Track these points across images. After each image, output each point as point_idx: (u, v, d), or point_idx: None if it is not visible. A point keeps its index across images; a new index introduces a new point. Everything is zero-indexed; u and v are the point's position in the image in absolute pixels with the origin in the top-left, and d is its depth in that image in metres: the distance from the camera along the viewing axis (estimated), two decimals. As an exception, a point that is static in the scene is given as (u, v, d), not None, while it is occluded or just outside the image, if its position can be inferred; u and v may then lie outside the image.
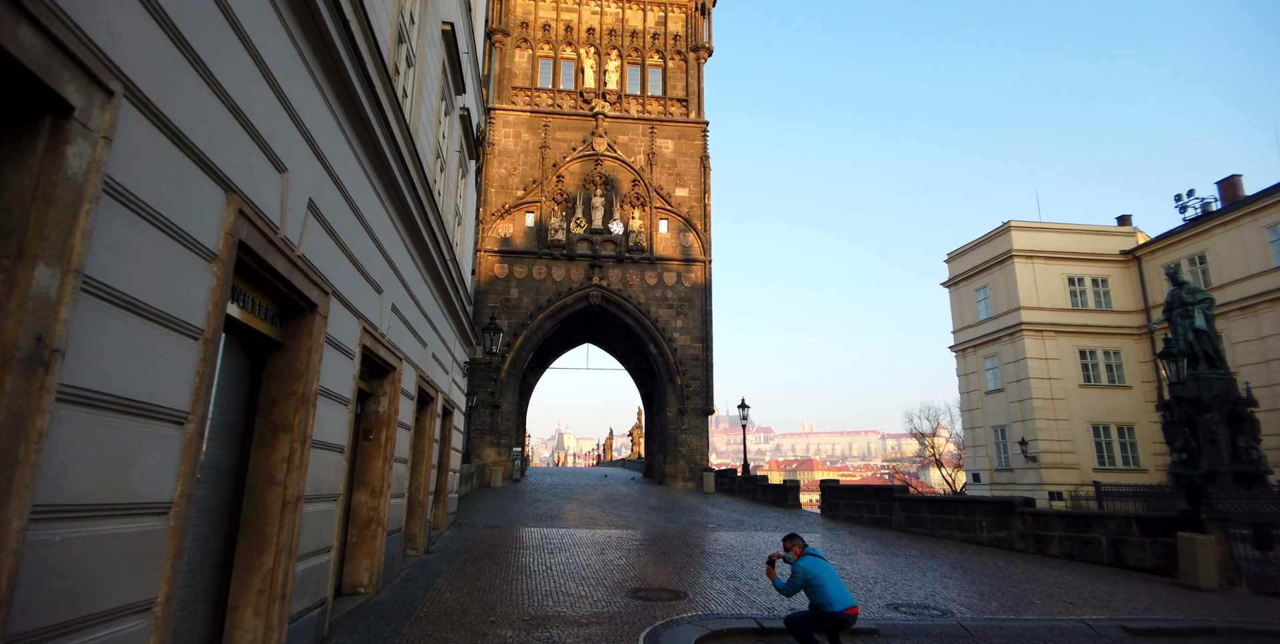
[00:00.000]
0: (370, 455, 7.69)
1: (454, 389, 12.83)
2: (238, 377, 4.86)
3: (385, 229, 7.11)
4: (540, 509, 17.75)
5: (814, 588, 6.26)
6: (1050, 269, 34.72)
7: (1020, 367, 33.84)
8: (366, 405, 7.80)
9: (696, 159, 31.83)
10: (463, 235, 13.67)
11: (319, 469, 5.51)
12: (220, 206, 3.65)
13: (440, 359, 10.99)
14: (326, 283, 5.34)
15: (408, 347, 8.50)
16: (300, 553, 5.19)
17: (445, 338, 11.38)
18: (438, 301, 10.52)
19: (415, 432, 10.43)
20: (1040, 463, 32.61)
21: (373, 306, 6.83)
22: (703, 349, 30.24)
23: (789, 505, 20.06)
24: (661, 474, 29.82)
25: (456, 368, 13.14)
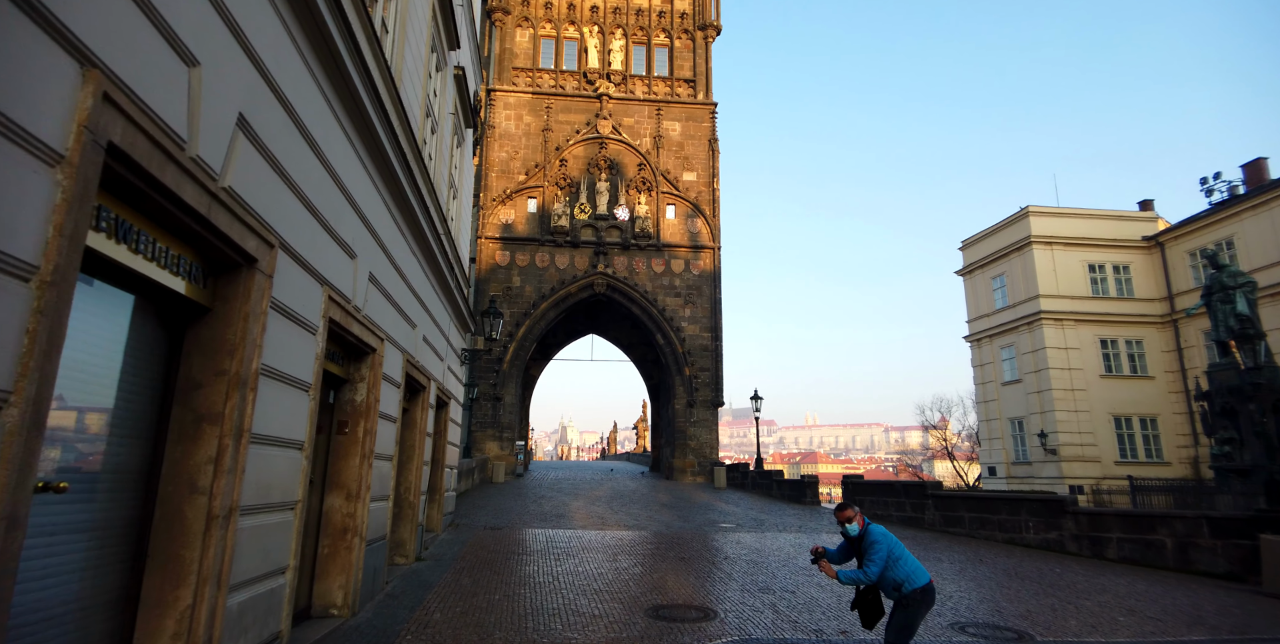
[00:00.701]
0: (345, 452, 6.47)
1: (450, 378, 11.63)
2: (148, 351, 3.63)
3: (358, 180, 5.87)
4: (545, 507, 16.56)
5: (896, 560, 5.04)
6: (1070, 256, 33.41)
7: (1039, 357, 32.58)
8: (341, 393, 6.58)
9: (704, 142, 30.51)
10: (459, 210, 12.44)
11: (265, 471, 4.30)
12: (71, 84, 2.42)
13: (433, 344, 9.78)
14: (270, 232, 4.11)
15: (391, 326, 7.28)
16: (236, 580, 3.98)
17: (439, 320, 10.17)
18: (429, 278, 9.30)
19: (404, 424, 9.22)
20: (1060, 456, 31.40)
21: (343, 272, 5.60)
22: (712, 339, 29.00)
23: (807, 502, 18.86)
24: (670, 468, 28.65)
25: (453, 355, 11.93)
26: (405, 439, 9.20)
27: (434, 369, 9.90)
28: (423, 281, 8.88)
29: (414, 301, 8.37)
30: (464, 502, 17.08)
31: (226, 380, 3.82)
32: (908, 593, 4.99)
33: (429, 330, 9.43)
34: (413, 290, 8.24)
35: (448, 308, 11.11)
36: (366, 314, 6.34)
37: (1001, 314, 35.04)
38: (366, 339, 6.36)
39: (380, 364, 6.81)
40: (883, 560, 5.06)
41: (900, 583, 5.01)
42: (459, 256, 12.21)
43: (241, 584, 4.06)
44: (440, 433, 11.43)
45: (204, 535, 3.66)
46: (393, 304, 7.30)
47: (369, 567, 6.88)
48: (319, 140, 4.81)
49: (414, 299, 8.36)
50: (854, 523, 5.28)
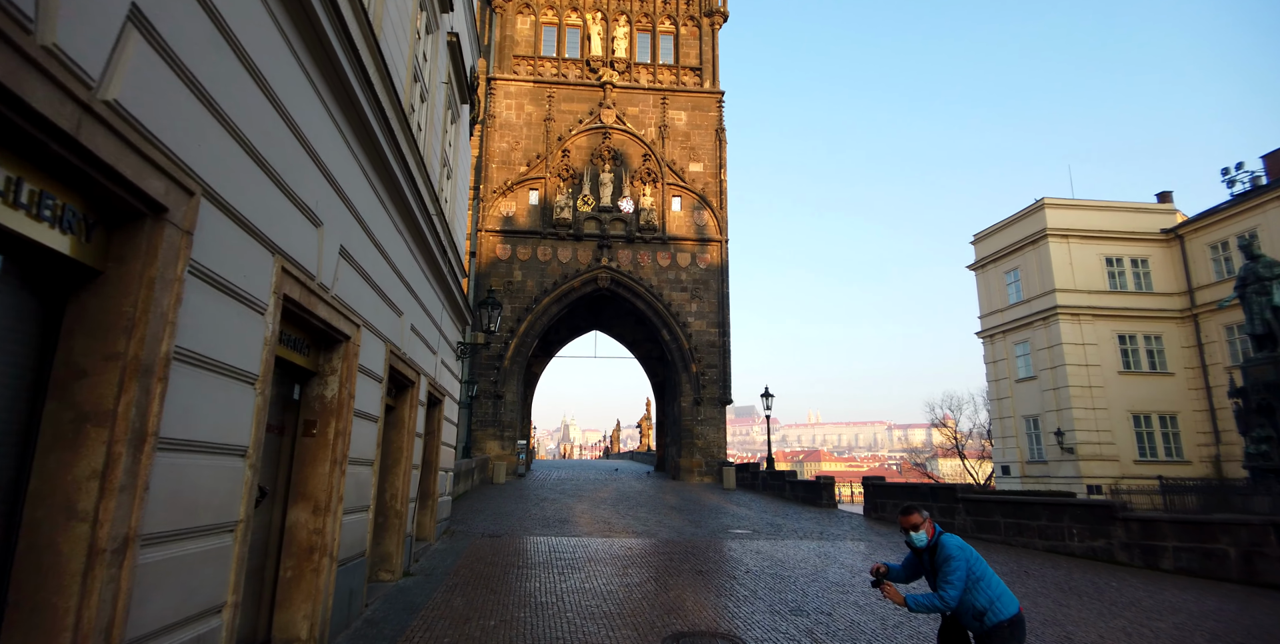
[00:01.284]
0: (313, 457, 5.49)
1: (444, 373, 10.65)
2: (13, 327, 2.66)
3: (324, 134, 4.89)
4: (547, 510, 15.59)
5: (977, 581, 4.09)
6: (1086, 249, 32.37)
7: (1055, 353, 31.55)
8: (309, 388, 5.60)
9: (711, 132, 29.49)
10: (453, 191, 11.46)
11: (186, 486, 3.32)
12: None
13: (423, 335, 8.80)
14: (190, 174, 3.12)
15: (371, 311, 6.30)
16: (139, 632, 2.99)
17: (430, 310, 9.19)
18: (418, 262, 8.31)
19: (389, 424, 8.25)
20: (1078, 455, 30.38)
21: (303, 242, 4.62)
22: (719, 335, 28.00)
23: (823, 504, 17.86)
24: (676, 468, 27.66)
25: (447, 348, 10.95)
26: (391, 440, 8.22)
27: (424, 363, 8.92)
28: (410, 264, 7.90)
29: (399, 286, 7.39)
30: (462, 505, 16.12)
31: (120, 367, 2.83)
32: (992, 626, 4.02)
33: (418, 319, 8.45)
34: (398, 273, 7.25)
35: (441, 297, 10.14)
36: (337, 295, 5.36)
37: (1015, 309, 34.01)
38: (337, 324, 5.37)
39: (355, 354, 5.82)
40: (961, 581, 4.07)
41: (982, 611, 4.04)
42: (454, 242, 11.24)
43: (149, 636, 3.08)
44: (433, 433, 10.46)
45: (84, 576, 2.67)
46: (372, 286, 6.31)
47: (342, 590, 5.91)
48: (263, 70, 3.82)
49: (399, 283, 7.37)
50: (922, 531, 4.30)
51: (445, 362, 10.77)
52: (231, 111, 3.48)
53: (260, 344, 4.06)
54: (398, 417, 8.30)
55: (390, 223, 6.92)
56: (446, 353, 10.96)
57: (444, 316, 10.45)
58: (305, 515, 5.40)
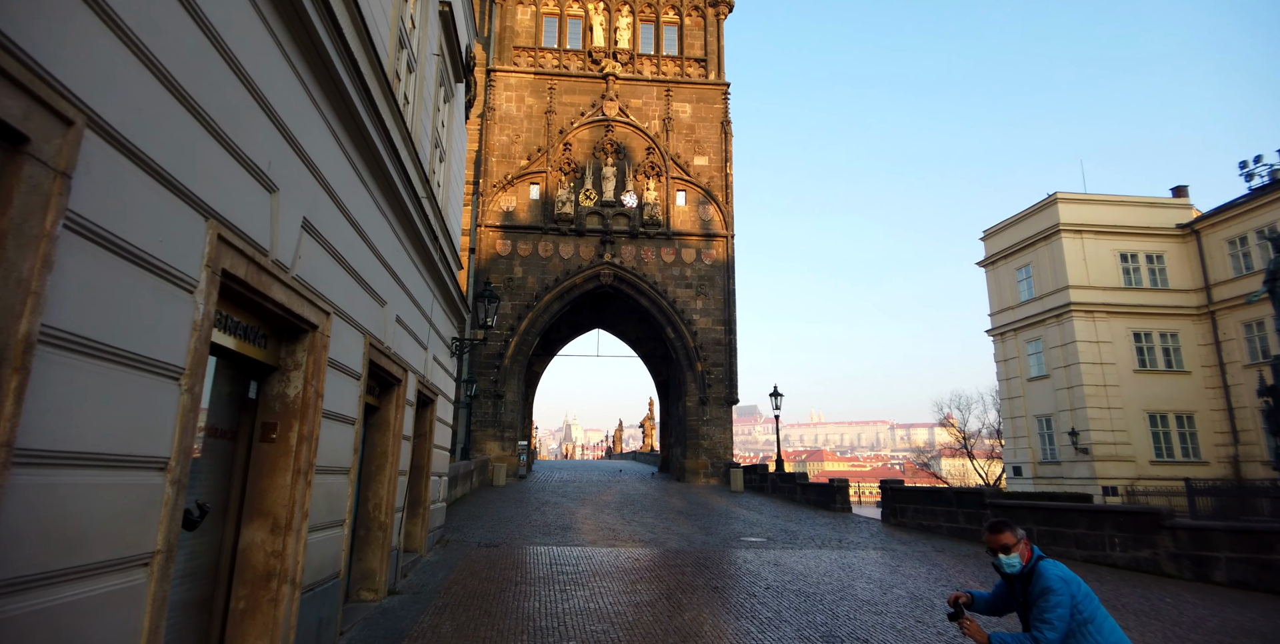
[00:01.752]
0: (272, 466, 4.67)
1: (436, 371, 9.83)
2: None
3: (270, 69, 4.05)
4: (548, 516, 14.77)
5: (1084, 624, 3.23)
6: (1100, 245, 31.52)
7: (1069, 351, 30.70)
8: (267, 385, 4.78)
9: (716, 124, 28.65)
10: (447, 176, 10.63)
11: (68, 511, 2.50)
12: None
13: (411, 328, 7.98)
14: (57, 87, 2.30)
15: (345, 297, 5.48)
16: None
17: (419, 300, 8.37)
18: (405, 246, 7.49)
19: (372, 426, 7.43)
20: (1093, 455, 29.53)
21: (250, 205, 3.80)
22: (725, 332, 27.16)
23: (837, 508, 17.03)
24: (681, 469, 26.83)
25: (439, 344, 10.13)
26: (374, 444, 7.40)
27: (412, 359, 8.09)
28: (395, 249, 7.08)
29: (381, 272, 6.57)
30: (459, 510, 15.30)
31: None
32: None
33: (405, 311, 7.63)
34: (379, 257, 6.43)
35: (433, 288, 9.32)
36: (300, 276, 4.53)
37: (1027, 307, 33.16)
38: (300, 311, 4.55)
39: (325, 346, 5.00)
40: (1063, 622, 3.23)
41: None
42: (448, 230, 10.42)
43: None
44: (424, 435, 9.64)
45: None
46: (346, 269, 5.49)
47: (308, 620, 5.09)
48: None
49: (382, 269, 6.55)
50: (1015, 554, 3.48)
51: (438, 358, 9.95)
52: (131, 20, 2.65)
53: (187, 329, 3.23)
54: (381, 418, 7.48)
55: (369, 199, 6.09)
56: (439, 349, 10.14)
57: (436, 310, 9.63)
58: (262, 535, 4.58)
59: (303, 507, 4.75)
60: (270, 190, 4.07)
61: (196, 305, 3.31)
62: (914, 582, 8.68)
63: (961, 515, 12.72)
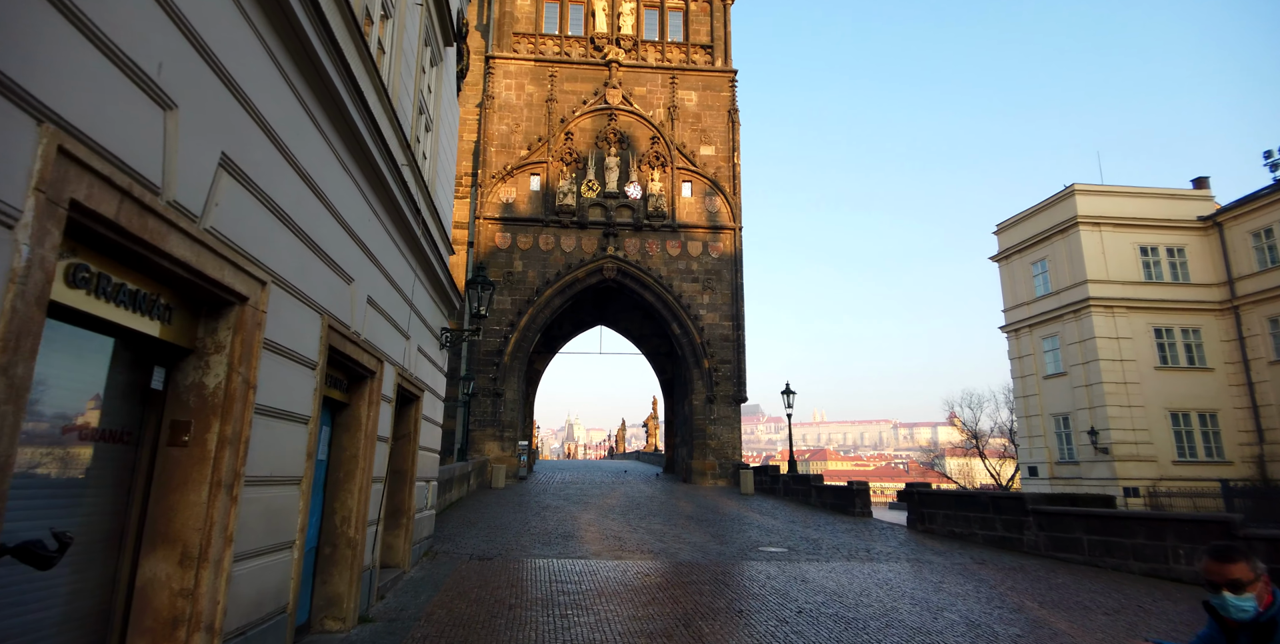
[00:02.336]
0: (181, 479, 3.56)
1: (421, 363, 8.73)
2: None
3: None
4: (549, 522, 13.66)
5: None
6: (1120, 237, 30.37)
7: (1087, 347, 29.56)
8: (178, 374, 3.68)
9: (723, 113, 27.53)
10: (434, 148, 9.52)
11: None
12: None
13: (388, 312, 6.88)
14: None
15: (292, 264, 4.38)
16: None
17: (399, 282, 7.27)
18: (379, 217, 6.38)
19: (340, 426, 6.32)
20: (1113, 455, 28.38)
21: (126, 116, 2.70)
22: (733, 328, 26.04)
23: (857, 513, 15.90)
24: (687, 470, 25.71)
25: (426, 334, 9.03)
26: (342, 447, 6.29)
27: (390, 348, 6.99)
28: (365, 217, 5.97)
29: (346, 241, 5.46)
30: (453, 515, 14.20)
31: None
32: None
33: (380, 292, 6.53)
34: (342, 223, 5.33)
35: (416, 269, 8.21)
36: (215, 228, 3.42)
37: (1043, 302, 32.02)
38: (219, 275, 3.44)
39: (259, 324, 3.90)
40: None
41: None
42: (436, 208, 9.32)
43: None
44: (407, 436, 8.54)
45: None
46: (293, 231, 4.38)
47: (236, 675, 3.99)
48: None
49: (346, 237, 5.45)
50: (1249, 594, 2.39)
51: (424, 349, 8.85)
52: None
53: None
54: (351, 416, 6.37)
55: (327, 149, 4.98)
56: (426, 340, 9.03)
57: (420, 294, 8.53)
58: (167, 569, 3.47)
59: (225, 529, 3.65)
60: (164, 106, 2.96)
61: (17, 246, 2.21)
62: (965, 603, 7.56)
63: (999, 523, 11.60)
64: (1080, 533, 10.32)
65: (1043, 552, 10.85)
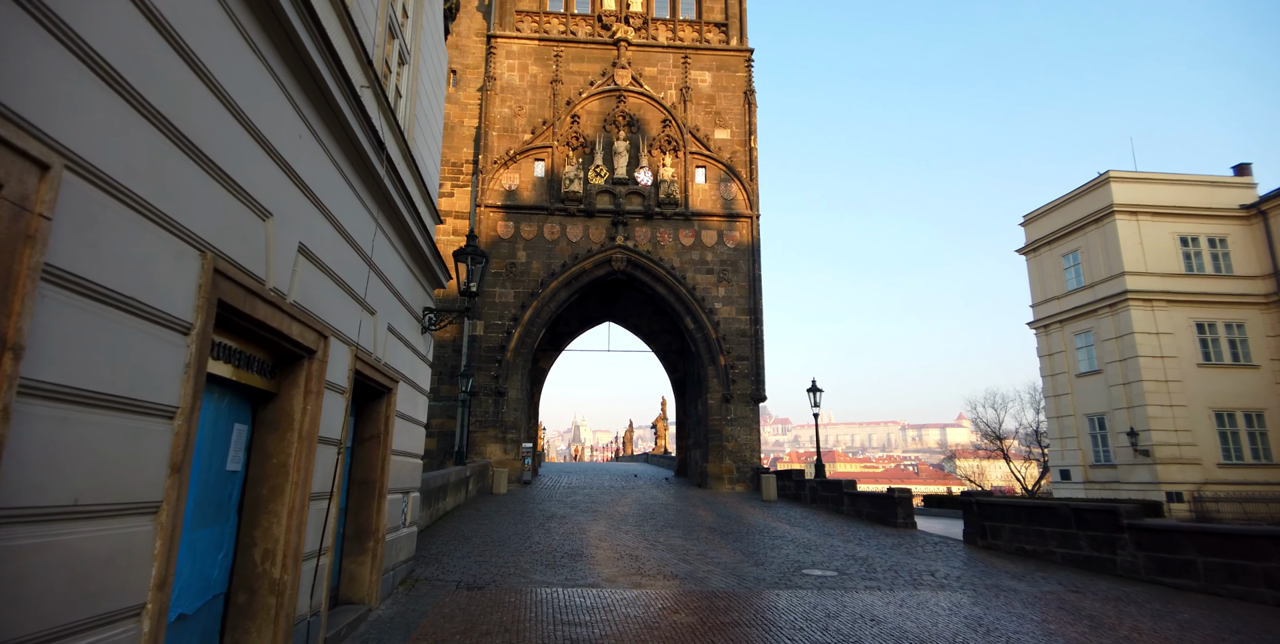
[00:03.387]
0: None
1: (394, 347, 6.96)
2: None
3: None
4: (554, 536, 11.88)
5: None
6: (1158, 227, 28.46)
7: (1125, 343, 27.64)
8: None
9: (739, 94, 25.73)
10: (412, 89, 7.73)
11: None
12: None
13: (337, 273, 5.09)
14: None
15: (107, 144, 2.63)
16: None
17: (356, 237, 5.49)
18: (311, 127, 4.59)
19: (263, 424, 4.53)
20: (1154, 457, 26.44)
21: None
22: (750, 323, 24.22)
23: (899, 524, 14.04)
24: (703, 474, 23.87)
25: (401, 311, 7.24)
26: (267, 454, 4.51)
27: (340, 321, 5.21)
28: (285, 121, 4.20)
29: (257, 155, 3.69)
30: (445, 527, 12.44)
31: None
32: None
33: (325, 243, 4.77)
34: (239, 116, 3.55)
35: (383, 222, 6.43)
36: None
37: (1076, 296, 30.11)
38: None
39: (30, 237, 2.15)
40: None
41: None
42: (414, 159, 7.55)
43: None
44: (376, 439, 6.75)
45: None
46: (119, 90, 2.63)
47: None
48: None
49: (256, 149, 3.67)
50: None
51: (397, 330, 7.07)
52: None
53: None
54: (280, 411, 4.59)
55: (240, 35, 3.21)
56: (400, 318, 7.26)
57: (388, 256, 6.75)
58: None
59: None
60: None
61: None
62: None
63: (1084, 540, 9.75)
64: (1193, 554, 8.48)
65: (1143, 575, 9.01)
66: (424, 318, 8.28)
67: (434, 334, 26.37)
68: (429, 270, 8.35)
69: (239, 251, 3.57)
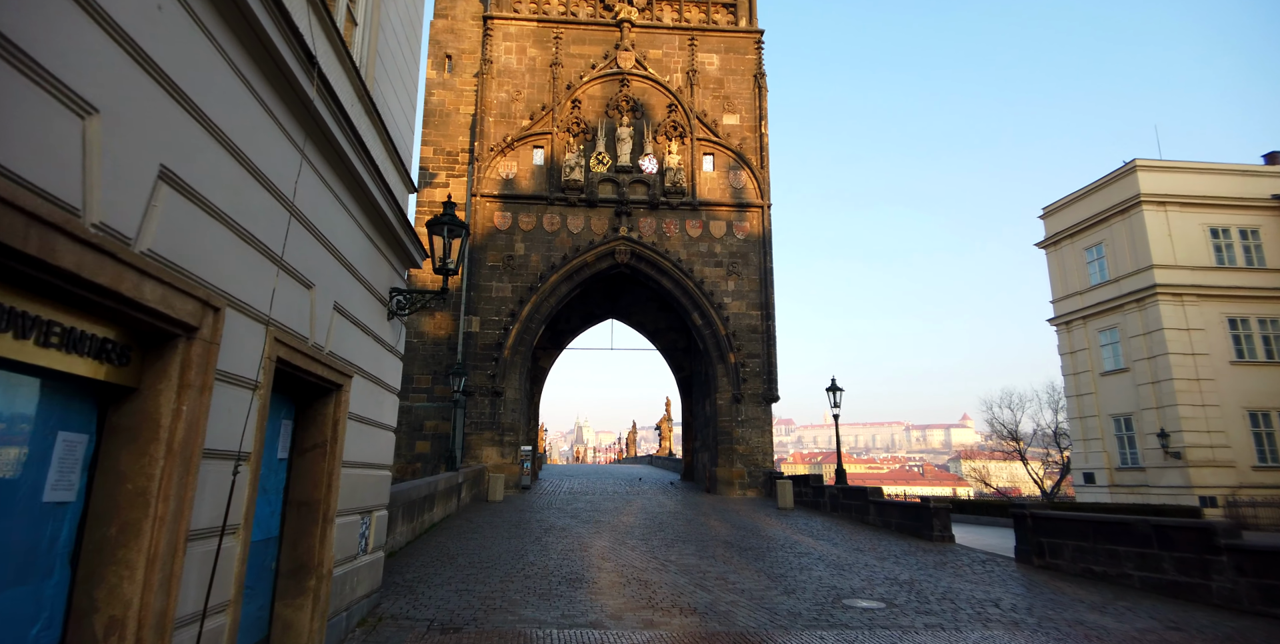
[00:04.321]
0: None
1: (344, 331, 5.50)
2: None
3: None
4: (551, 554, 10.42)
5: None
6: (1187, 218, 26.96)
7: (1153, 340, 26.14)
8: None
9: (748, 78, 24.29)
10: (374, 17, 6.30)
11: None
12: None
13: (235, 221, 3.66)
14: None
15: None
16: None
17: (268, 169, 4.07)
18: (226, 58, 3.21)
19: (116, 432, 3.09)
20: (1186, 460, 24.92)
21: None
22: (762, 318, 22.75)
23: (935, 537, 12.55)
24: (712, 479, 22.39)
25: (355, 287, 5.79)
26: (120, 477, 3.04)
27: (246, 289, 3.75)
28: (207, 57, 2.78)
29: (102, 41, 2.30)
30: (431, 543, 10.99)
31: None
32: None
33: (217, 175, 3.35)
34: None
35: (326, 175, 4.99)
36: None
37: (1100, 291, 28.61)
38: None
39: None
40: None
41: None
42: (375, 102, 6.11)
43: None
44: (320, 448, 5.30)
45: None
46: None
47: None
48: None
49: (103, 38, 2.28)
50: None
51: (350, 312, 5.63)
52: None
53: None
54: (140, 412, 3.14)
55: None
56: (356, 299, 5.81)
57: (338, 218, 5.30)
58: None
59: None
60: None
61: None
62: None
63: (1170, 563, 8.29)
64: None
65: (1246, 606, 7.53)
66: (391, 301, 6.83)
67: (431, 333, 24.60)
68: (398, 245, 6.90)
69: (28, 163, 2.12)
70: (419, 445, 23.69)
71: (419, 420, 23.90)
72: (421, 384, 24.03)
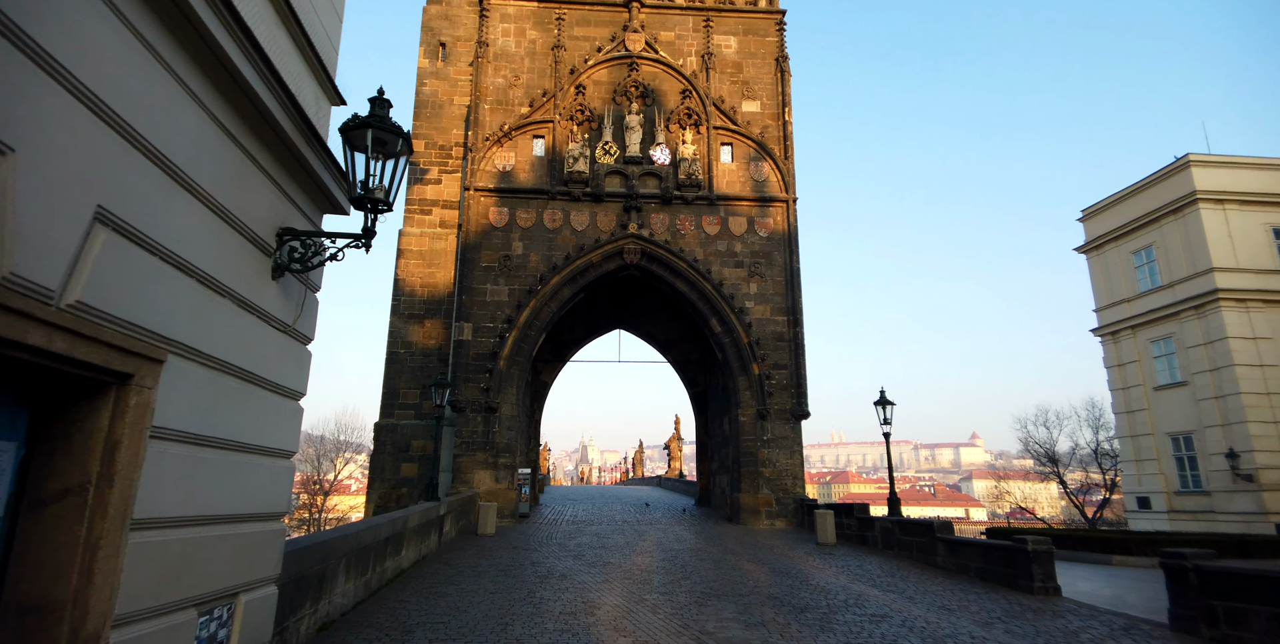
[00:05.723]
0: None
1: (138, 276, 2.95)
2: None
3: None
4: (545, 621, 7.67)
5: None
6: (1247, 218, 24.36)
7: (1216, 350, 23.39)
8: None
9: (769, 62, 21.91)
10: None
11: None
12: None
13: None
14: None
15: None
16: None
17: None
18: None
19: None
20: (1260, 482, 22.04)
21: None
22: (789, 324, 20.10)
23: (1038, 590, 9.74)
24: (734, 507, 19.56)
25: (188, 208, 3.21)
26: None
27: None
28: None
29: None
30: (389, 602, 8.26)
31: None
32: None
33: None
34: None
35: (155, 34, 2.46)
36: None
37: (1152, 298, 25.91)
38: None
39: None
40: None
41: None
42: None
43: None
44: (74, 498, 2.69)
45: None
46: None
47: None
48: None
49: None
50: None
51: (157, 241, 3.03)
52: None
53: None
54: None
55: None
56: (188, 226, 3.22)
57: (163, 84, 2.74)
58: None
59: None
60: None
61: None
62: None
63: None
64: None
65: None
66: (282, 249, 4.22)
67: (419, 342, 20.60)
68: (297, 167, 4.30)
69: None
70: (405, 468, 20.98)
71: (405, 440, 21.21)
72: (408, 399, 21.38)
